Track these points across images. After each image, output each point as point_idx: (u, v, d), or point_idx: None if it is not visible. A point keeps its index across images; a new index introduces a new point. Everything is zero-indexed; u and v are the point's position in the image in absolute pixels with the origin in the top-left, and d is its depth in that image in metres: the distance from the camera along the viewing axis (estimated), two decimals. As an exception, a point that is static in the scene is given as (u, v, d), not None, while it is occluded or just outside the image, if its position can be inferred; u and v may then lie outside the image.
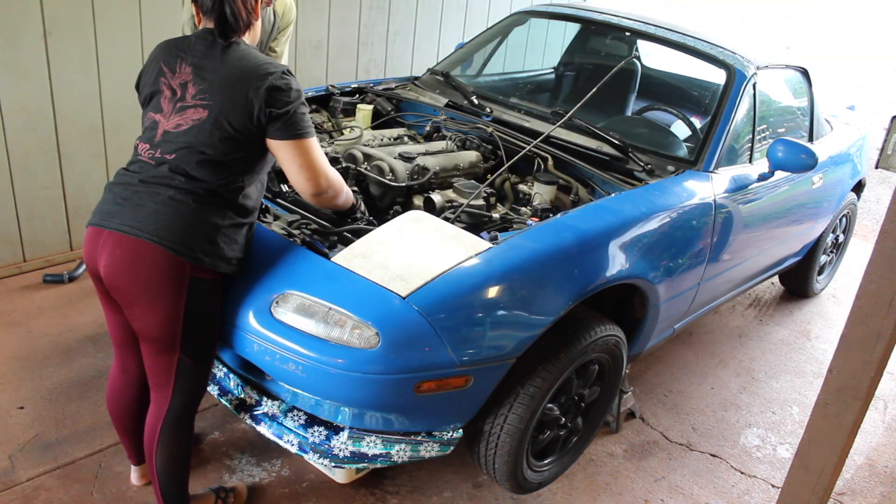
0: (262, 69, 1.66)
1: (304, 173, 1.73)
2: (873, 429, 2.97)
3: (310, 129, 1.72)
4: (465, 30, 4.83)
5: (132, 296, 1.66)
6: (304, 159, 1.71)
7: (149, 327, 1.69)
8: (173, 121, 1.69)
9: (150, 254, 1.61)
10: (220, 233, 1.69)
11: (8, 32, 2.83)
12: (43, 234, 3.23)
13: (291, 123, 1.67)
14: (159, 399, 1.80)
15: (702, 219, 2.45)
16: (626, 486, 2.45)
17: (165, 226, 1.62)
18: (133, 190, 1.67)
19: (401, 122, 2.95)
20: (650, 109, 3.22)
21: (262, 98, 1.64)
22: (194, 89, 1.69)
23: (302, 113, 1.70)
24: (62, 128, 3.11)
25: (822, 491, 1.55)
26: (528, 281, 1.89)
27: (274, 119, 1.66)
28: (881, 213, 5.49)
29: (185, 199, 1.64)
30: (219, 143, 1.66)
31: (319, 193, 1.78)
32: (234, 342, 1.86)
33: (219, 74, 1.67)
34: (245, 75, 1.65)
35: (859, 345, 1.40)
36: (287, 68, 1.71)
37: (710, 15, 13.36)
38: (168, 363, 1.74)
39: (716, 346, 3.44)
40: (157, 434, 1.80)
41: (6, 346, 2.71)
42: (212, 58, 1.69)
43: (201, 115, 1.67)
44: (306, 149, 1.71)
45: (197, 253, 1.64)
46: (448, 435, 1.97)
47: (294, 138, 1.68)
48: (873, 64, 11.75)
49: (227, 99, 1.66)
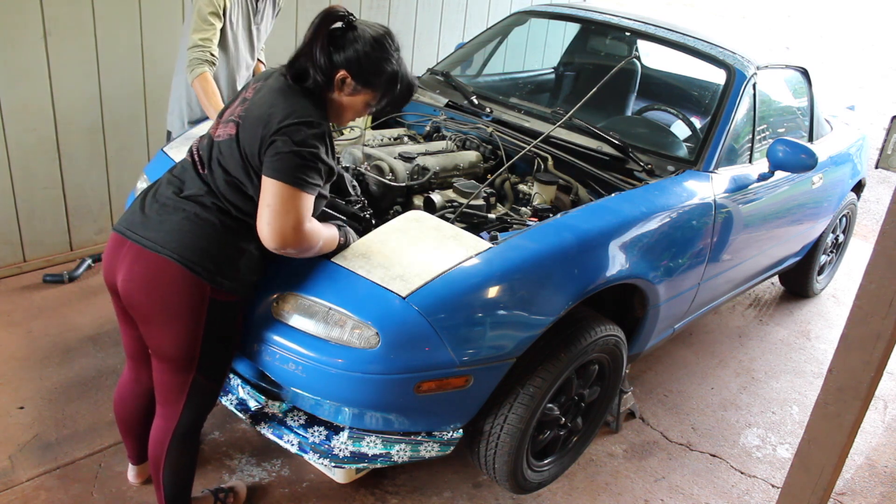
0: (286, 112, 1.55)
1: (270, 217, 1.54)
2: (873, 429, 2.97)
3: (301, 181, 1.54)
4: (465, 30, 4.83)
5: (149, 314, 1.61)
6: (278, 204, 1.53)
7: (164, 347, 1.63)
8: (220, 130, 1.67)
9: (169, 271, 1.56)
10: (243, 257, 1.63)
11: (8, 32, 2.83)
12: (43, 234, 3.23)
13: (282, 162, 1.53)
14: (168, 414, 1.74)
15: (702, 219, 2.45)
16: (626, 486, 2.45)
17: (188, 244, 1.56)
18: (164, 202, 1.62)
19: (401, 122, 2.95)
20: (650, 109, 3.22)
21: (270, 134, 1.54)
22: (241, 108, 1.65)
23: (302, 161, 1.54)
24: (62, 128, 3.11)
25: (822, 491, 1.55)
26: (528, 281, 1.89)
27: (267, 153, 1.55)
28: (881, 213, 5.49)
29: (211, 219, 1.59)
30: (238, 167, 1.61)
31: (282, 250, 1.59)
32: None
33: (257, 102, 1.62)
34: (271, 112, 1.57)
35: (859, 345, 1.40)
36: (319, 119, 1.58)
37: (710, 15, 13.37)
38: (182, 383, 1.69)
39: (716, 346, 3.44)
40: (166, 449, 1.76)
41: (6, 346, 2.71)
42: (265, 87, 1.65)
43: (232, 132, 1.63)
44: (287, 196, 1.53)
45: (216, 276, 1.58)
46: (448, 435, 1.97)
47: (272, 177, 1.53)
48: (873, 64, 11.75)
49: (249, 126, 1.59)
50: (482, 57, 3.43)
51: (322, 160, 1.58)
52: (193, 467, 1.88)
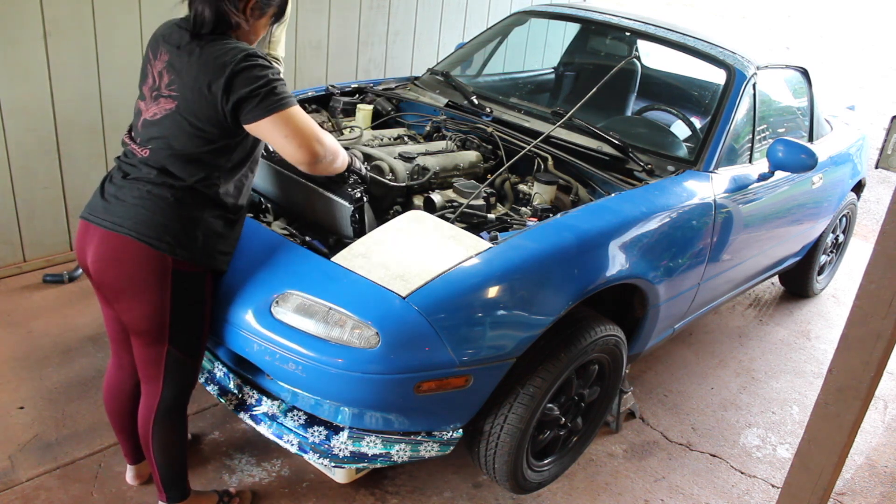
0: (221, 59, 1.58)
1: (294, 142, 1.62)
2: (873, 429, 2.97)
3: (285, 100, 1.61)
4: (465, 30, 4.83)
5: (117, 291, 1.69)
6: (289, 129, 1.62)
7: (135, 321, 1.70)
8: (151, 110, 1.68)
9: (129, 249, 1.63)
10: (199, 227, 1.68)
11: (8, 32, 2.83)
12: (43, 234, 3.23)
13: (262, 100, 1.58)
14: (150, 392, 1.82)
15: (702, 219, 2.45)
16: (626, 486, 2.45)
17: (144, 220, 1.63)
18: (118, 184, 1.69)
19: (401, 122, 2.95)
20: (650, 109, 3.22)
21: (224, 88, 1.57)
22: (168, 78, 1.65)
23: (271, 88, 1.59)
24: (62, 128, 3.11)
25: (822, 491, 1.55)
26: (528, 281, 1.89)
27: (243, 103, 1.58)
28: (881, 213, 5.49)
29: (164, 194, 1.64)
30: (186, 138, 1.63)
31: (318, 161, 1.68)
32: (235, 341, 1.86)
33: (185, 67, 1.62)
34: (206, 69, 1.59)
35: (859, 345, 1.40)
36: (251, 51, 1.61)
37: (710, 15, 13.36)
38: (157, 355, 1.75)
39: (716, 346, 3.44)
40: (151, 426, 1.83)
41: (6, 346, 2.71)
42: (184, 49, 1.64)
43: (170, 106, 1.64)
44: (288, 119, 1.61)
45: (175, 247, 1.65)
46: (448, 435, 1.97)
47: (270, 114, 1.59)
48: (873, 64, 11.75)
49: (190, 92, 1.61)
50: (482, 57, 3.43)
51: (280, 76, 1.64)
52: (183, 447, 1.92)
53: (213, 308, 1.85)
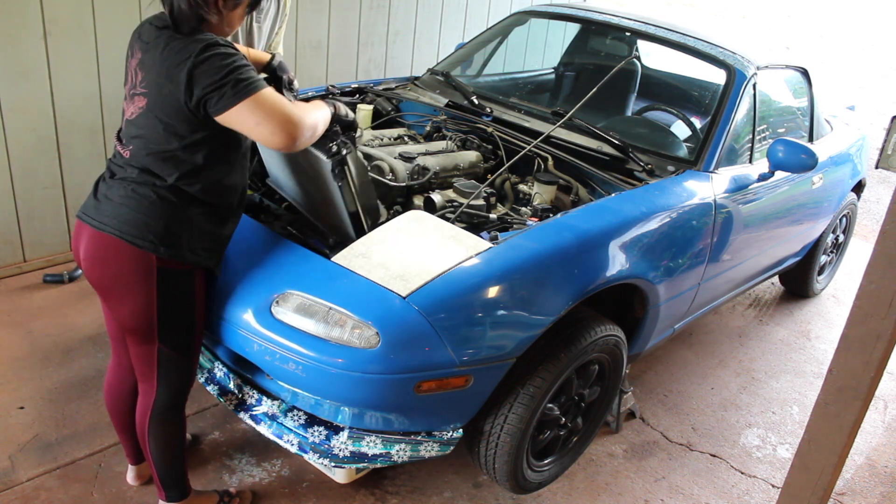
0: (183, 52, 1.54)
1: (268, 126, 1.55)
2: (873, 429, 2.97)
3: (252, 84, 1.54)
4: (465, 30, 4.83)
5: (106, 289, 1.71)
6: (262, 113, 1.54)
7: (124, 318, 1.72)
8: (129, 109, 1.69)
9: (114, 247, 1.65)
10: (183, 225, 1.67)
11: (8, 32, 2.83)
12: (43, 234, 3.23)
13: (229, 88, 1.52)
14: (146, 390, 1.83)
15: (702, 219, 2.45)
16: (626, 486, 2.45)
17: (127, 219, 1.64)
18: (108, 184, 1.70)
19: (401, 122, 2.95)
20: (650, 109, 3.22)
21: (186, 82, 1.53)
22: (140, 76, 1.64)
23: (237, 74, 1.53)
24: (62, 128, 3.11)
25: (822, 491, 1.55)
26: (528, 281, 1.89)
27: (209, 95, 1.53)
28: (881, 213, 5.50)
29: (147, 193, 1.65)
30: (159, 135, 1.62)
31: (297, 141, 1.61)
32: (234, 341, 1.86)
33: (152, 63, 1.60)
34: (168, 63, 1.56)
35: (859, 345, 1.40)
36: (212, 40, 1.56)
37: (710, 15, 13.37)
38: (148, 353, 1.76)
39: (716, 346, 3.44)
40: (147, 424, 1.84)
41: (6, 346, 2.71)
42: (152, 45, 1.61)
43: (142, 104, 1.64)
44: (258, 102, 1.54)
45: (158, 246, 1.65)
46: (448, 435, 1.97)
47: (239, 100, 1.53)
48: (873, 64, 11.75)
49: (157, 88, 1.59)
50: (482, 57, 3.43)
51: (244, 61, 1.59)
52: (181, 446, 1.92)
53: (213, 308, 1.86)
